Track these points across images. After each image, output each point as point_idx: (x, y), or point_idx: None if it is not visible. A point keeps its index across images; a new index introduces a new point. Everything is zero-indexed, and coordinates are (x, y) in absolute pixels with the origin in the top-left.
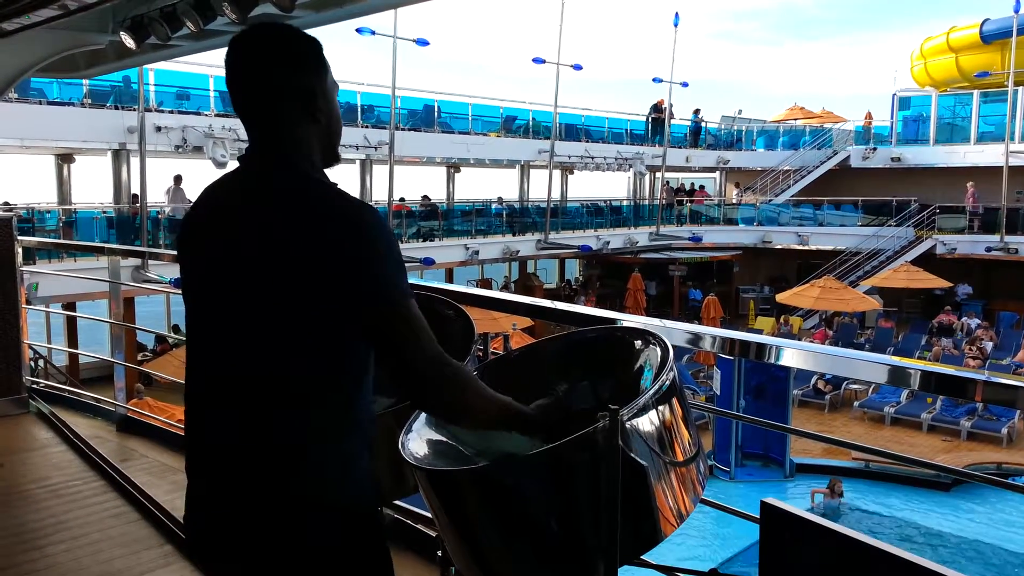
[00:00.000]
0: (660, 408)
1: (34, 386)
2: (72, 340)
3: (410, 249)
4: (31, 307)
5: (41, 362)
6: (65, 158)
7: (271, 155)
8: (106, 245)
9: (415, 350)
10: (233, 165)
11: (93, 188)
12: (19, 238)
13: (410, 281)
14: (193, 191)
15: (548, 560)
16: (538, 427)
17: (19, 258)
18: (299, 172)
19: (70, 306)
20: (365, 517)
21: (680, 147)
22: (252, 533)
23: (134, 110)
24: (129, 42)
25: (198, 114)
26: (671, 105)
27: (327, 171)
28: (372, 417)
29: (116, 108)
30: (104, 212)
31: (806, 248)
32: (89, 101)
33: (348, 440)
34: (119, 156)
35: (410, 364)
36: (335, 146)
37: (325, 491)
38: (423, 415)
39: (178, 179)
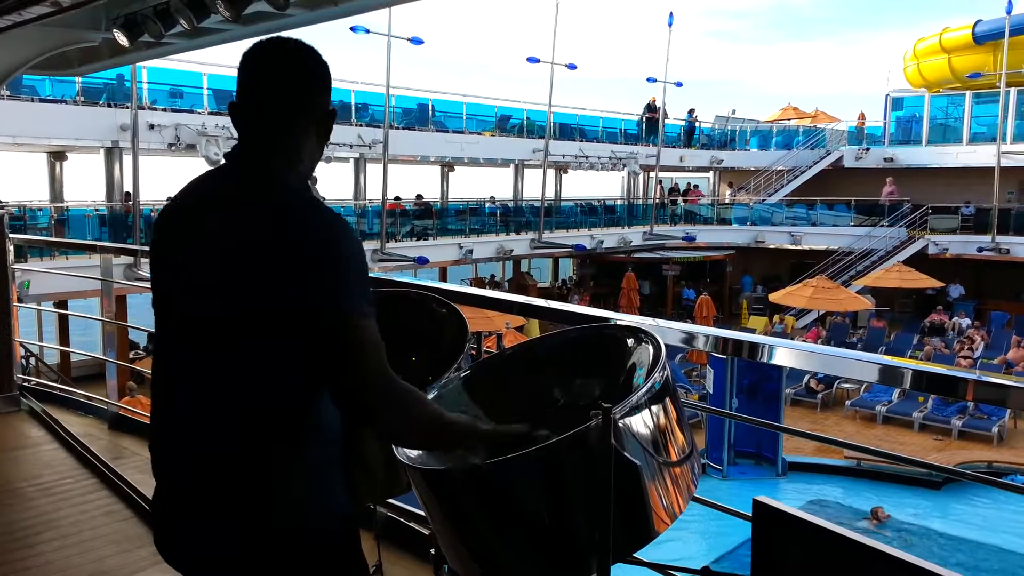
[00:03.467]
0: (653, 407)
1: (25, 384)
2: (64, 338)
3: (404, 248)
4: (22, 305)
5: (32, 360)
6: (58, 156)
7: (269, 165)
8: (98, 243)
9: (361, 370)
10: None
11: (85, 186)
12: (10, 235)
13: (407, 280)
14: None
15: (541, 558)
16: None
17: (10, 256)
18: (282, 180)
19: (62, 304)
20: (334, 526)
21: (674, 147)
22: (216, 544)
23: (127, 108)
24: (122, 39)
25: (191, 112)
26: (664, 104)
27: (318, 167)
28: (337, 427)
29: (109, 106)
30: (96, 210)
31: (799, 248)
32: (82, 99)
33: (313, 449)
34: (112, 154)
35: (355, 384)
36: (313, 170)
37: (290, 502)
38: None
39: (314, 180)
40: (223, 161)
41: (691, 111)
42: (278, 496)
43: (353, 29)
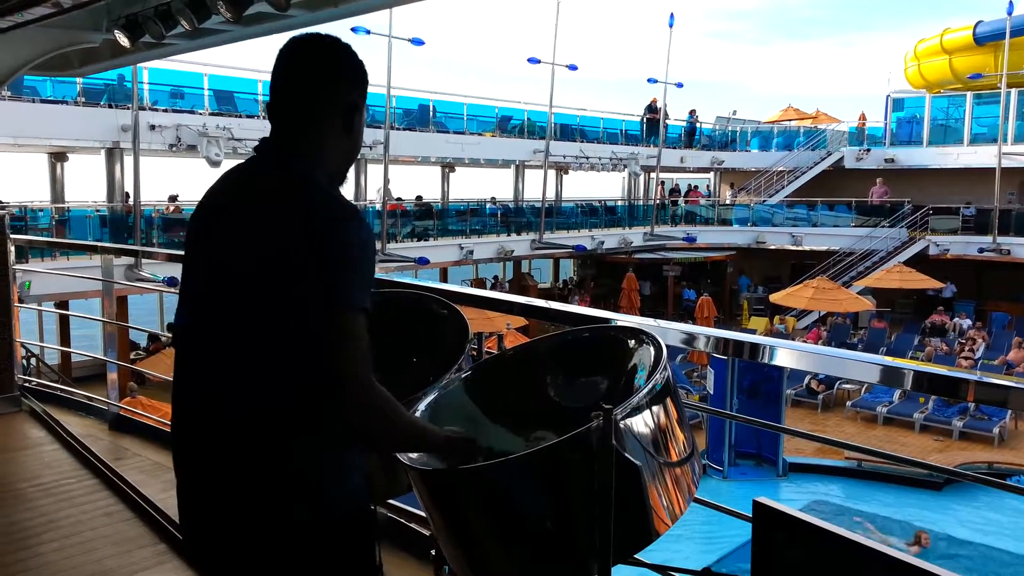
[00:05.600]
0: (654, 407)
1: (26, 385)
2: (65, 339)
3: (405, 249)
4: (23, 306)
5: (33, 361)
6: (58, 156)
7: (289, 158)
8: (99, 244)
9: (344, 368)
10: (226, 164)
11: (86, 186)
12: (12, 236)
13: (407, 281)
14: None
15: (542, 559)
16: (449, 455)
17: (11, 256)
18: (304, 176)
19: (63, 305)
20: (354, 516)
21: (675, 148)
22: (242, 533)
23: (128, 108)
24: (123, 40)
25: (192, 113)
26: (665, 105)
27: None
28: None
29: (110, 106)
30: (97, 211)
31: (800, 248)
32: (83, 99)
33: (335, 439)
34: (113, 155)
35: (337, 381)
36: (348, 168)
37: (313, 491)
38: (417, 414)
39: (387, 181)
40: (224, 162)
41: (692, 112)
42: (298, 478)
43: (354, 30)
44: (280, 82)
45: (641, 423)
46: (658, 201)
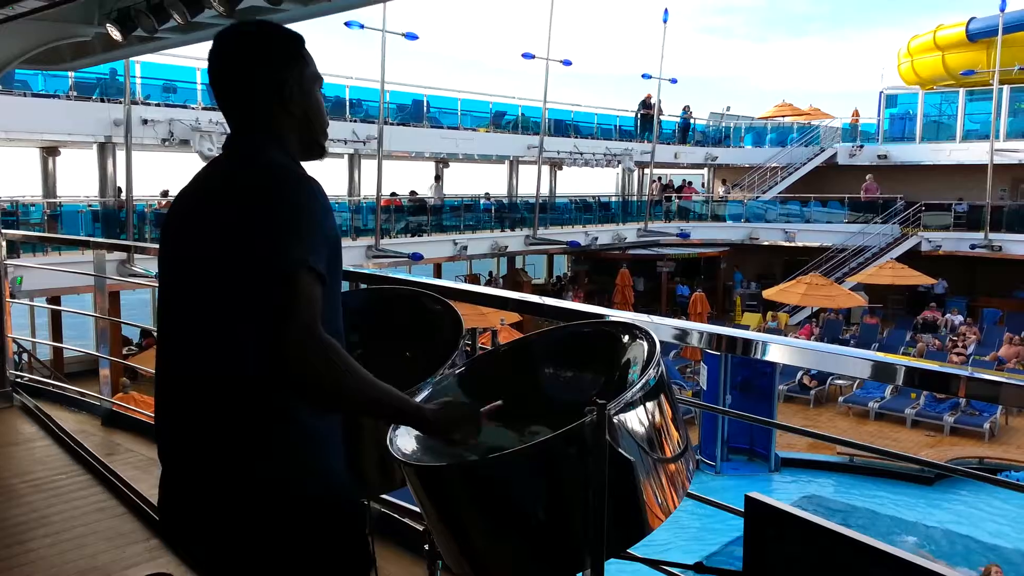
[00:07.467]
0: (647, 403)
1: (18, 380)
2: (57, 334)
3: (398, 244)
4: (15, 301)
5: (25, 356)
6: (50, 151)
7: (240, 145)
8: (91, 239)
9: (290, 322)
10: None
11: (78, 181)
12: (3, 231)
13: (401, 276)
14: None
15: (535, 554)
16: (427, 424)
17: (3, 251)
18: (255, 157)
19: (55, 300)
20: (342, 508)
21: (669, 143)
22: (218, 515)
23: (120, 103)
24: (115, 34)
25: (185, 107)
26: (659, 101)
27: (312, 163)
28: None
29: (102, 101)
30: (89, 206)
31: (793, 245)
32: (74, 93)
33: (311, 420)
34: (105, 149)
35: (283, 336)
36: (315, 138)
37: (289, 472)
38: None
39: (438, 177)
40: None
41: (686, 108)
42: (268, 460)
43: (347, 24)
44: (212, 75)
45: (635, 418)
46: (652, 197)
